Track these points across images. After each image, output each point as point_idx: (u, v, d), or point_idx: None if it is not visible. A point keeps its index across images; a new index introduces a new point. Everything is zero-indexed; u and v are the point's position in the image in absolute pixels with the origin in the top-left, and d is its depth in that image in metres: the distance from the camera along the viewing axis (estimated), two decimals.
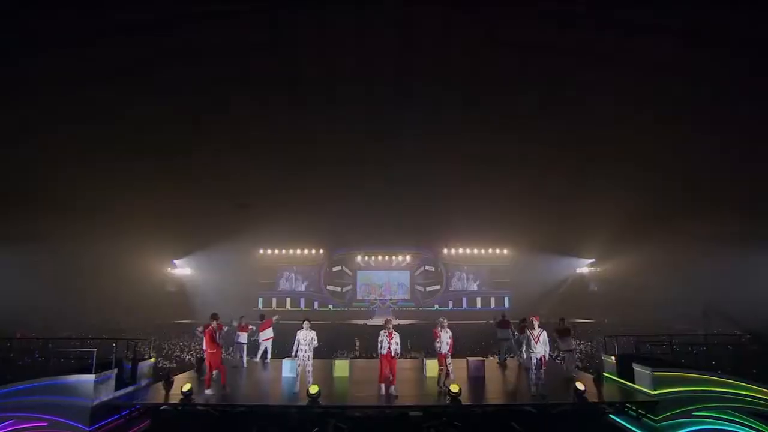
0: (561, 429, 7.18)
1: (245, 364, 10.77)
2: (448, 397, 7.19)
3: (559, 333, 9.65)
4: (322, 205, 30.92)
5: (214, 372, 7.68)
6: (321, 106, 27.50)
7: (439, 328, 8.18)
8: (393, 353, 7.73)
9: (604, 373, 8.83)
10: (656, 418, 6.89)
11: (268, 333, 11.39)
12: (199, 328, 8.22)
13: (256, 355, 11.11)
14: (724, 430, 6.41)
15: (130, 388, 7.66)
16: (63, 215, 23.45)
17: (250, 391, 8.13)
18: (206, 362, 7.55)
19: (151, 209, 26.66)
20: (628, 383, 8.01)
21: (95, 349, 7.19)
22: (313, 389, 7.10)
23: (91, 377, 6.81)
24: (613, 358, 8.92)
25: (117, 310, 24.27)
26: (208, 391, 7.24)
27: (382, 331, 7.96)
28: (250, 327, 11.04)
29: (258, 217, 28.52)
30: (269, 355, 11.34)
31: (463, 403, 7.13)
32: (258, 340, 11.12)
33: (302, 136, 28.86)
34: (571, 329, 9.72)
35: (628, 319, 23.39)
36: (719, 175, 23.09)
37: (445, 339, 8.02)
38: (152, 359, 8.86)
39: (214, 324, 7.73)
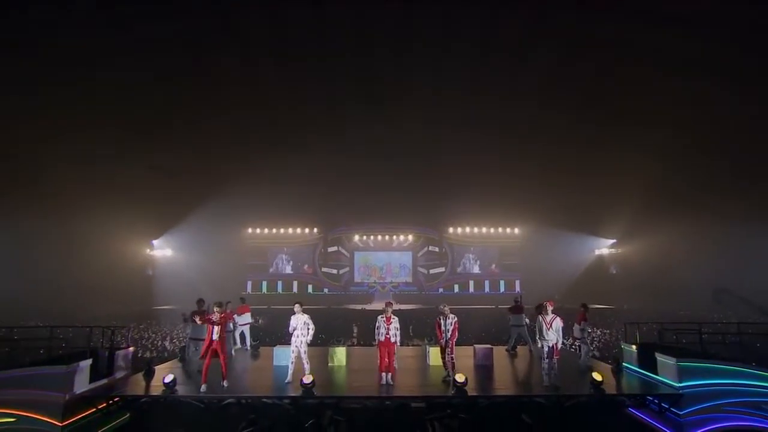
0: (575, 422, 7.24)
1: (233, 353, 10.87)
2: (453, 387, 7.23)
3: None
4: (316, 179, 30.72)
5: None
6: (314, 67, 26.76)
7: (441, 318, 8.19)
8: (392, 339, 7.82)
9: (624, 363, 8.86)
10: (681, 413, 6.91)
11: (246, 318, 11.48)
12: (197, 317, 8.20)
13: (235, 342, 11.19)
14: (758, 427, 6.44)
15: (106, 380, 7.67)
16: (24, 192, 23.22)
17: (238, 381, 8.16)
18: (204, 355, 7.50)
19: (125, 184, 26.42)
20: (650, 374, 8.03)
21: (65, 337, 7.13)
22: (308, 379, 7.12)
23: (62, 368, 6.78)
24: (633, 347, 8.91)
25: (90, 296, 24.44)
26: (203, 387, 7.26)
27: (379, 317, 8.00)
28: (234, 316, 11.04)
29: (245, 192, 28.28)
30: (248, 341, 11.40)
31: (469, 394, 7.17)
32: (236, 323, 11.19)
33: (292, 101, 28.25)
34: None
35: (651, 305, 23.52)
36: (764, 146, 22.57)
37: (447, 327, 8.04)
38: (131, 348, 8.87)
39: (217, 310, 7.63)
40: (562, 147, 29.05)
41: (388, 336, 7.81)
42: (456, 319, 8.18)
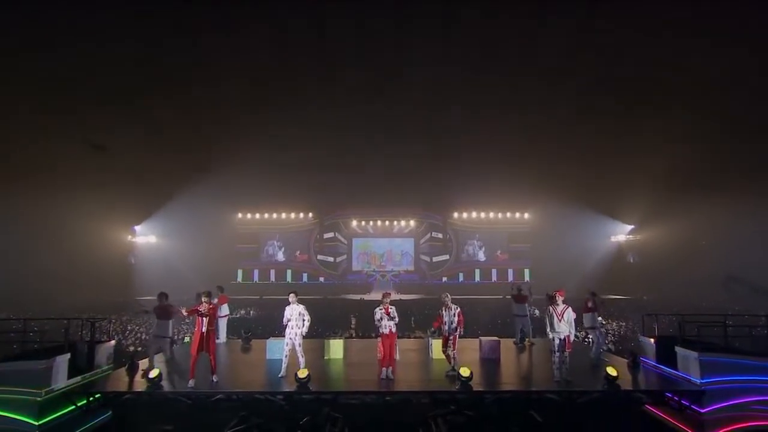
0: (588, 420, 7.27)
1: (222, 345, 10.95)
2: (457, 382, 7.25)
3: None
4: (311, 161, 30.45)
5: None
6: (309, 31, 26.20)
7: (443, 309, 8.23)
8: (393, 330, 7.94)
9: (641, 358, 8.87)
10: (702, 411, 6.92)
11: (224, 309, 11.44)
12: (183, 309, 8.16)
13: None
14: None
15: (86, 375, 7.68)
16: None
17: (229, 376, 8.20)
18: (194, 348, 7.49)
19: (104, 167, 26.19)
20: (669, 369, 8.04)
21: (41, 330, 7.09)
22: (303, 373, 7.14)
23: (38, 363, 6.76)
24: (651, 340, 8.91)
25: (67, 286, 24.47)
26: (191, 382, 7.28)
27: (377, 309, 8.05)
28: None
29: (234, 174, 28.08)
30: (222, 334, 11.42)
31: (474, 389, 7.21)
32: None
33: (285, 71, 27.78)
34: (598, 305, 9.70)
35: (671, 296, 23.53)
36: None
37: (452, 319, 8.06)
38: (113, 341, 8.86)
39: (204, 300, 7.61)
40: (579, 125, 28.69)
41: (390, 328, 7.89)
42: (459, 309, 8.20)
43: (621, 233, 33.67)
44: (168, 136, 28.49)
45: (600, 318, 10.21)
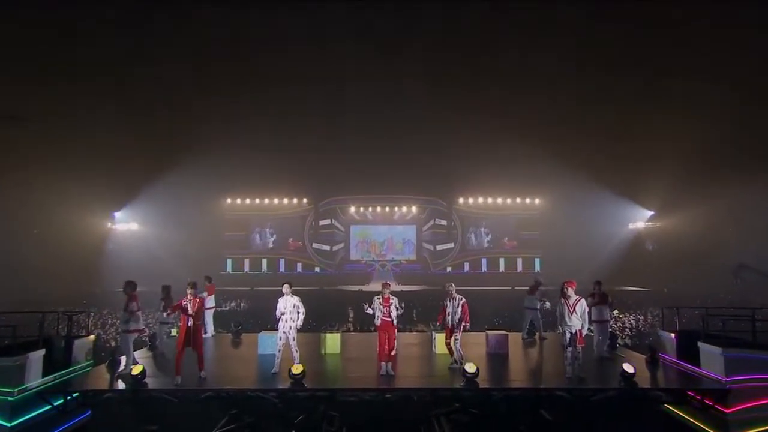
0: (602, 419, 7.29)
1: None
2: (462, 379, 7.26)
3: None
4: (305, 142, 30.18)
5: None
6: (301, 11, 25.78)
7: (446, 300, 8.27)
8: (393, 321, 7.99)
9: (661, 354, 8.87)
10: (727, 411, 6.91)
11: (210, 302, 11.46)
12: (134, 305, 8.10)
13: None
14: None
15: (62, 373, 7.67)
16: None
17: (218, 373, 8.21)
18: (180, 344, 7.48)
19: (79, 146, 25.91)
20: (691, 366, 8.04)
21: (13, 324, 7.05)
22: (297, 369, 7.15)
23: (10, 360, 6.71)
24: (672, 334, 8.92)
25: (41, 277, 24.40)
26: (177, 379, 7.30)
27: (375, 298, 8.12)
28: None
29: (222, 155, 27.86)
30: (210, 329, 11.44)
31: (480, 386, 7.22)
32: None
33: (276, 41, 27.33)
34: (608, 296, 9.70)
35: (694, 288, 23.47)
36: None
37: (456, 310, 8.10)
38: (92, 336, 8.84)
39: (190, 292, 7.61)
40: (596, 104, 28.33)
41: (388, 318, 7.93)
42: (464, 300, 8.23)
43: (640, 219, 33.51)
44: (149, 114, 28.15)
45: (614, 311, 10.20)
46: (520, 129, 28.13)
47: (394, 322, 8.02)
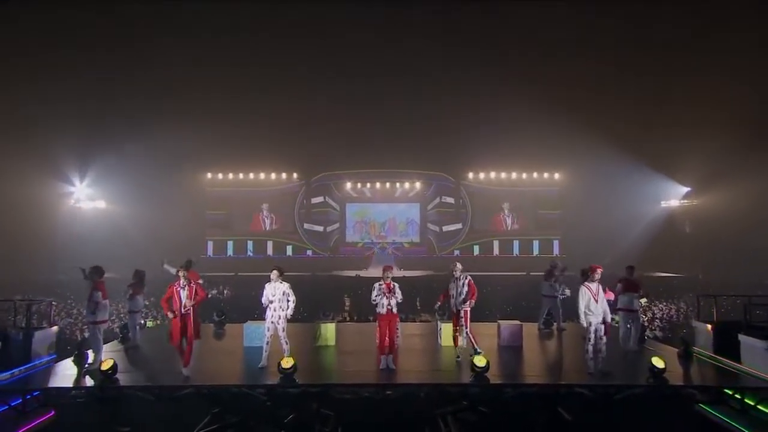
0: (628, 420, 7.34)
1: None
2: (471, 373, 7.27)
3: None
4: (295, 109, 29.79)
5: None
6: None
7: (451, 282, 8.32)
8: (394, 311, 8.05)
9: (695, 347, 8.88)
10: None
11: None
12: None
13: None
14: None
15: (21, 369, 7.70)
16: None
17: (199, 367, 8.19)
18: (174, 330, 7.51)
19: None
20: (729, 361, 8.07)
21: None
22: (287, 363, 7.13)
23: None
24: (708, 326, 8.95)
25: None
26: (185, 371, 7.42)
27: (376, 284, 8.12)
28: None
29: (201, 125, 27.52)
30: None
31: (491, 381, 7.24)
32: None
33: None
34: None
35: (734, 275, 23.43)
36: None
37: (460, 290, 8.16)
38: (55, 327, 8.84)
39: (182, 274, 7.63)
40: (622, 67, 27.87)
41: (390, 308, 7.94)
42: (469, 278, 8.27)
43: (674, 197, 33.18)
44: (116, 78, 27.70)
45: (643, 300, 10.17)
46: (541, 94, 27.76)
47: (394, 310, 8.04)
